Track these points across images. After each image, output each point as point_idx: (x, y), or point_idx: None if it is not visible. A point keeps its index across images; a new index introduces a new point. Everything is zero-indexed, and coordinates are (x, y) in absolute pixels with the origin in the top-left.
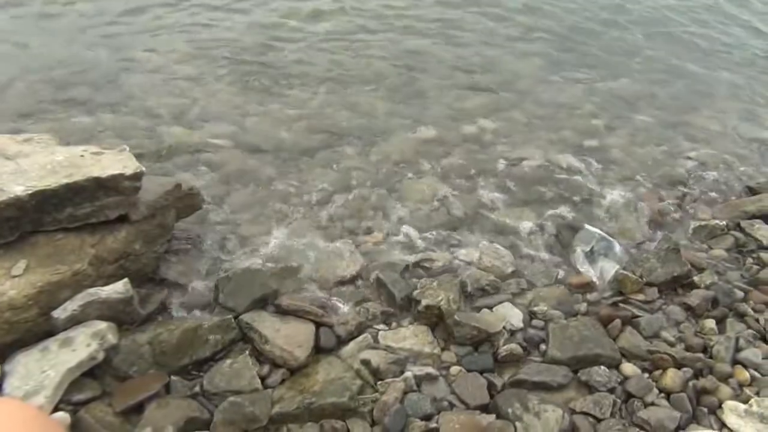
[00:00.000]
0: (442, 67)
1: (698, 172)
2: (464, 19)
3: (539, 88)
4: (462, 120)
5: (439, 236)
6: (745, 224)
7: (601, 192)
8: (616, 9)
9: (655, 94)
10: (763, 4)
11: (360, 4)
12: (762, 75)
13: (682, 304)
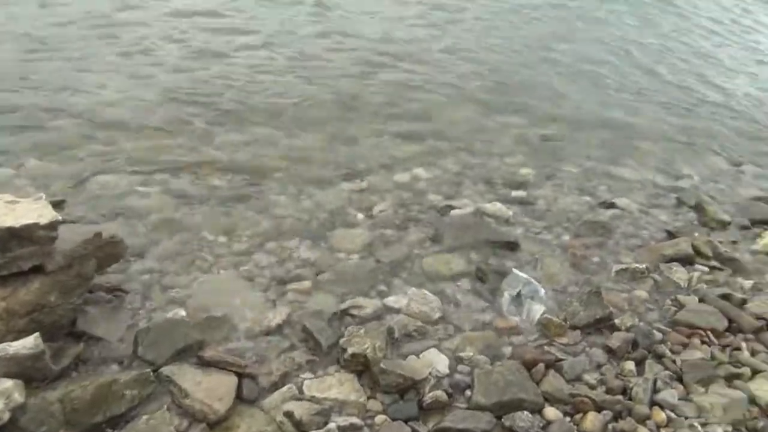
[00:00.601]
0: (378, 114)
1: (620, 219)
2: (400, 64)
3: (473, 136)
4: (396, 168)
5: (368, 283)
6: (664, 267)
7: (528, 239)
8: (547, 55)
9: (580, 142)
10: (684, 52)
11: (293, 47)
12: (681, 120)
13: (604, 347)
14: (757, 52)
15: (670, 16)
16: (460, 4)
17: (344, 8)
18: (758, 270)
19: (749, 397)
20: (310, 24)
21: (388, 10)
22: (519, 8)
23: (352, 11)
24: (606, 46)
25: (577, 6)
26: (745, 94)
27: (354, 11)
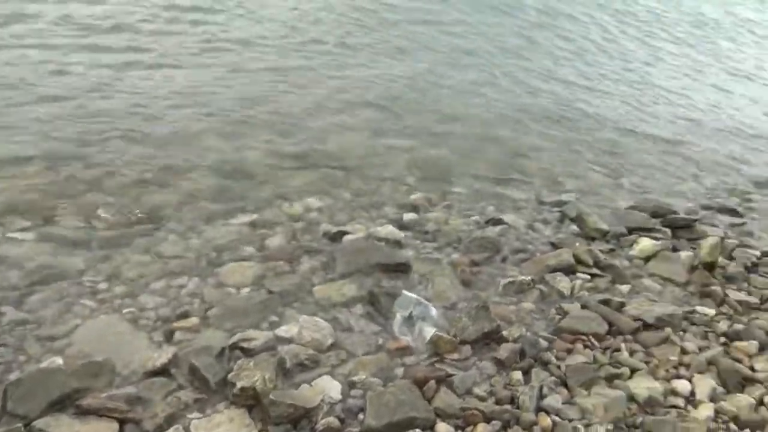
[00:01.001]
0: (269, 143)
1: (507, 235)
2: (289, 91)
3: (365, 162)
4: (288, 199)
5: (259, 315)
6: (549, 277)
7: (419, 259)
8: (435, 78)
9: (469, 162)
10: (566, 69)
11: (187, 79)
12: (563, 135)
13: (493, 359)
14: (628, 62)
15: (550, 35)
16: (347, 29)
17: (230, 39)
18: (635, 274)
19: (628, 395)
20: (197, 47)
21: (273, 35)
22: (405, 32)
23: (236, 44)
24: (490, 66)
25: (460, 27)
26: (624, 106)
27: (239, 40)
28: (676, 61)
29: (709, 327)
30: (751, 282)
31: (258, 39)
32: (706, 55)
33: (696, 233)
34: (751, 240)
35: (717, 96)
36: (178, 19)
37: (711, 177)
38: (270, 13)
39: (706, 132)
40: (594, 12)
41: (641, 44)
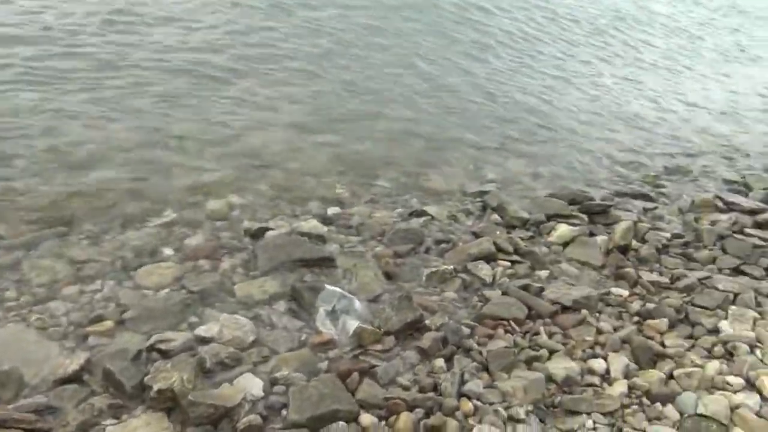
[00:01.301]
0: (187, 141)
1: (430, 226)
2: (209, 88)
3: (287, 158)
4: (207, 196)
5: (178, 316)
6: (471, 266)
7: (343, 253)
8: (357, 76)
9: (393, 157)
10: (484, 64)
11: (102, 75)
12: (485, 129)
13: (417, 348)
14: (545, 56)
15: (468, 30)
16: (266, 24)
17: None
18: (553, 260)
19: (547, 377)
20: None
21: (193, 39)
22: (327, 31)
23: (156, 43)
24: (411, 64)
25: (383, 27)
26: (541, 98)
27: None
28: (590, 54)
29: (623, 307)
30: (662, 263)
31: (176, 39)
32: (619, 47)
33: (611, 218)
34: (662, 223)
35: (628, 86)
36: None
37: (625, 164)
38: (188, 14)
39: (619, 121)
40: (512, 8)
41: (557, 38)
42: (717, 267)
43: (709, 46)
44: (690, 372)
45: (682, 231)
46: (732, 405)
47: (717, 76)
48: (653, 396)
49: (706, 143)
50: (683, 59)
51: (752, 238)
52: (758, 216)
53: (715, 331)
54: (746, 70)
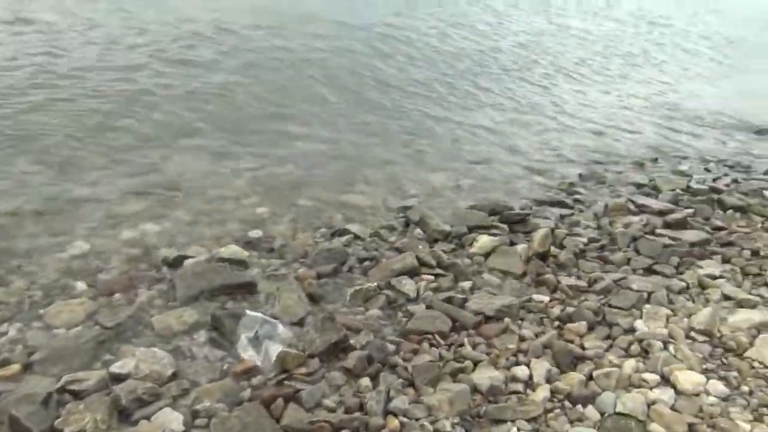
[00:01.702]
0: (100, 169)
1: (352, 245)
2: (122, 114)
3: (206, 183)
4: (123, 226)
5: (91, 354)
6: (395, 282)
7: (265, 277)
8: (276, 98)
9: (314, 178)
10: (412, 82)
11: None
12: (407, 146)
13: (342, 368)
14: (461, 70)
15: (401, 45)
16: (185, 44)
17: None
18: (476, 271)
19: (472, 387)
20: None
21: (110, 62)
22: (242, 52)
23: (74, 70)
24: (329, 84)
25: (297, 48)
26: (459, 111)
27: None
28: (506, 67)
29: (544, 313)
30: (580, 267)
31: (89, 63)
32: (535, 58)
33: (530, 226)
34: (579, 229)
35: (541, 98)
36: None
37: (542, 173)
38: (106, 37)
39: (534, 132)
40: (432, 24)
41: (476, 53)
42: (631, 268)
43: (619, 55)
44: (608, 372)
45: (598, 235)
46: (648, 401)
47: (625, 85)
48: (574, 398)
49: (617, 150)
50: (595, 70)
51: (662, 237)
52: (667, 216)
53: (631, 330)
54: (654, 75)
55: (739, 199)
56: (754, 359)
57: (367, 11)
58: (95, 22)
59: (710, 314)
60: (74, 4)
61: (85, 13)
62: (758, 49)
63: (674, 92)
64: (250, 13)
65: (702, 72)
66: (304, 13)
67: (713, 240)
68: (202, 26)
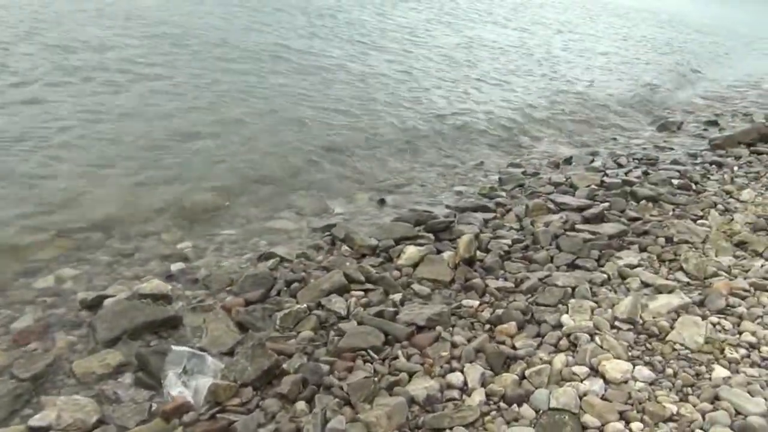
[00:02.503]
0: (11, 209)
1: (279, 268)
2: (28, 153)
3: (123, 218)
4: (36, 273)
5: (7, 410)
6: (325, 301)
7: (191, 310)
8: (193, 120)
9: (236, 202)
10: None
11: None
12: (330, 165)
13: (277, 395)
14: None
15: (312, 60)
16: (86, 74)
17: None
18: (405, 282)
19: (409, 399)
20: None
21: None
22: (146, 78)
23: None
24: (248, 104)
25: (219, 67)
26: (360, 125)
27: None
28: (410, 72)
29: (474, 317)
30: (506, 269)
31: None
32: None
33: (455, 233)
34: (503, 231)
35: (454, 103)
36: None
37: (462, 179)
38: None
39: (449, 139)
40: (343, 43)
41: (391, 69)
42: (555, 265)
43: (530, 58)
44: (540, 369)
45: (521, 236)
46: (580, 394)
47: (534, 84)
48: (509, 399)
49: (532, 152)
50: (505, 73)
51: (582, 233)
52: (585, 212)
53: (559, 325)
54: (562, 74)
55: (651, 190)
56: (675, 342)
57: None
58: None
59: (631, 303)
60: None
61: None
62: (656, 44)
63: (579, 92)
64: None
65: (606, 70)
66: (202, 34)
67: (630, 231)
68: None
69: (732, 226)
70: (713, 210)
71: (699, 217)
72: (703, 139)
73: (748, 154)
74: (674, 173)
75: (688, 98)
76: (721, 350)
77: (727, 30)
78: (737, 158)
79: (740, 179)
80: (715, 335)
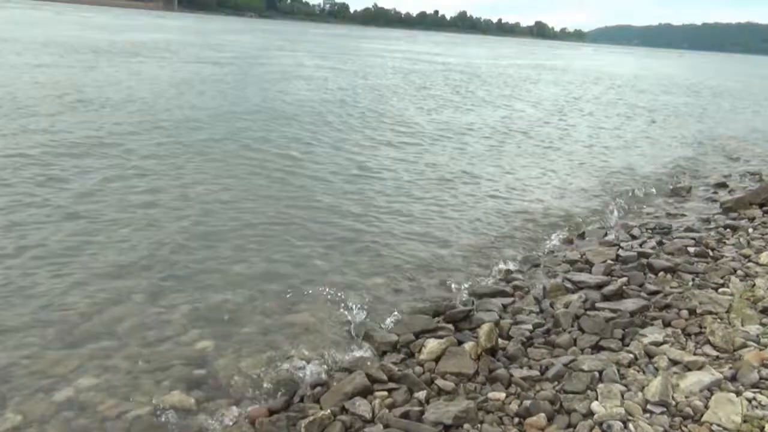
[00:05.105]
0: (28, 326)
1: (301, 370)
2: (45, 268)
3: (142, 325)
4: (55, 386)
5: None
6: (348, 405)
7: (211, 422)
8: (207, 224)
9: (255, 302)
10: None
11: None
12: (343, 253)
13: None
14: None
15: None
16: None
17: None
18: (428, 378)
19: None
20: None
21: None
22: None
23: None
24: (254, 201)
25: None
26: (387, 215)
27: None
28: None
29: (502, 411)
30: (529, 356)
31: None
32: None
33: (474, 322)
34: (523, 316)
35: (461, 185)
36: None
37: (477, 263)
38: None
39: (465, 220)
40: (354, 133)
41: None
42: (579, 348)
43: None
44: None
45: (542, 319)
46: None
47: (542, 161)
48: None
49: (545, 229)
50: (517, 149)
51: (603, 311)
52: (604, 289)
53: (590, 413)
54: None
55: (667, 260)
56: (711, 423)
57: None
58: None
59: (662, 383)
60: None
61: None
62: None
63: (588, 164)
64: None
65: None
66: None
67: (651, 305)
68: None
69: (755, 292)
70: (733, 276)
71: (720, 285)
72: (714, 202)
73: (761, 214)
74: (689, 241)
75: (694, 160)
76: (761, 428)
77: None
78: (751, 220)
79: (756, 241)
80: (753, 412)
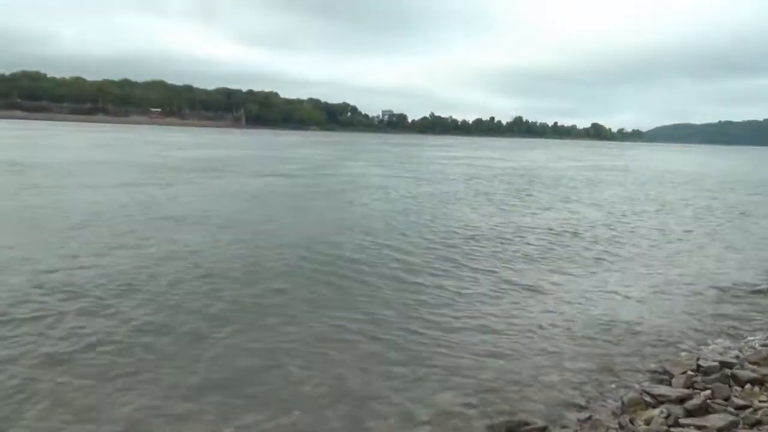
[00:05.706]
0: None
1: None
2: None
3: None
4: None
5: None
6: None
7: None
8: (265, 341)
9: (323, 421)
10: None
11: None
12: (404, 370)
13: None
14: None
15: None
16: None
17: None
18: None
19: None
20: None
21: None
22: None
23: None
24: (321, 316)
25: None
26: (451, 326)
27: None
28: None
29: None
30: None
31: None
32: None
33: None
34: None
35: (525, 298)
36: None
37: (547, 373)
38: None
39: (529, 332)
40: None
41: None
42: None
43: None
44: None
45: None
46: None
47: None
48: None
49: (622, 338)
50: (590, 264)
51: (688, 428)
52: (686, 403)
53: None
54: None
55: (753, 371)
56: None
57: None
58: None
59: None
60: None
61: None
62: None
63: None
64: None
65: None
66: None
67: (740, 421)
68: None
69: None
70: None
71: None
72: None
73: None
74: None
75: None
76: None
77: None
78: None
79: None
80: None
